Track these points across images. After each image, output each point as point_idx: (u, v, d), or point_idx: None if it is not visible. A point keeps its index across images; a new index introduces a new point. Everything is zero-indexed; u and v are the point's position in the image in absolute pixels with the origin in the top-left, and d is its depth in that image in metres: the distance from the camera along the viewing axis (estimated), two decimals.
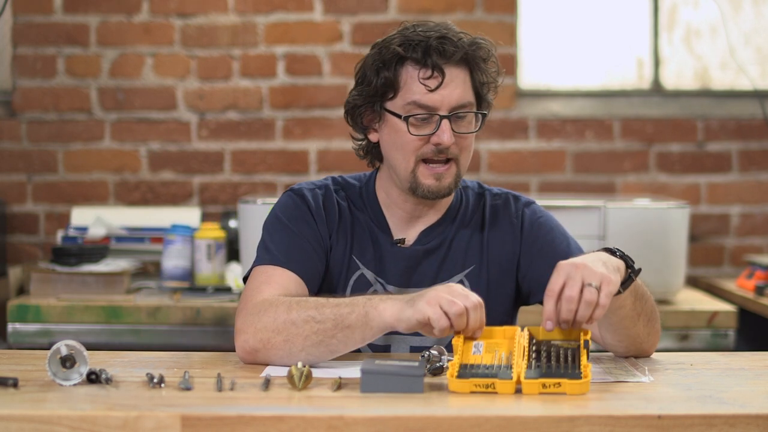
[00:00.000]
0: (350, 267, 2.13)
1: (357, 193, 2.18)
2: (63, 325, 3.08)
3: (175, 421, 1.53)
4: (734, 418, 1.55)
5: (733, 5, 3.95)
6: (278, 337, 1.89)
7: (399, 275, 2.12)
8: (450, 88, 2.04)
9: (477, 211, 2.17)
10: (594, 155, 3.85)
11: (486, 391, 1.66)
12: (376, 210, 2.16)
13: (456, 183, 2.09)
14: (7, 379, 1.70)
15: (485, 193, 2.20)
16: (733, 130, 3.85)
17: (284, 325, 1.88)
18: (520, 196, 2.20)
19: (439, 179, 2.06)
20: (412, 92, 2.04)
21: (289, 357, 1.88)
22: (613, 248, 1.91)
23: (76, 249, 3.30)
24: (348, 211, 2.15)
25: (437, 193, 2.07)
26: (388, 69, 2.05)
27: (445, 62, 2.03)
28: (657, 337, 2.04)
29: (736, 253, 3.85)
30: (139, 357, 1.98)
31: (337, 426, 1.53)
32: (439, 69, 2.03)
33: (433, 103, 2.03)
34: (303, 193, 2.14)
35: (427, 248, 2.13)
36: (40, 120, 3.82)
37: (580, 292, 1.77)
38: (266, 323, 1.90)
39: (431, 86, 2.03)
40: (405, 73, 2.05)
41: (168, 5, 3.80)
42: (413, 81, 2.04)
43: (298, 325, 1.87)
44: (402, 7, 3.80)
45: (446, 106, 2.04)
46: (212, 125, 3.83)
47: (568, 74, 3.95)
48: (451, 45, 2.04)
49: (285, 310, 1.90)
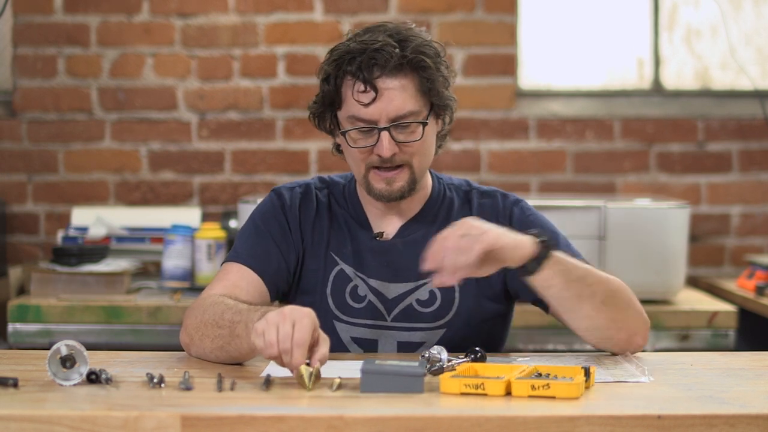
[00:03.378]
0: (328, 263, 2.15)
1: (340, 191, 2.21)
2: (63, 325, 3.08)
3: (176, 421, 1.53)
4: (735, 419, 1.55)
5: (734, 5, 3.95)
6: (196, 335, 1.96)
7: (379, 269, 2.13)
8: (385, 101, 2.03)
9: (464, 209, 2.17)
10: (594, 155, 3.85)
11: (476, 392, 1.66)
12: (357, 206, 2.18)
13: (411, 185, 2.09)
14: (8, 379, 1.70)
15: (472, 192, 2.20)
16: (733, 130, 3.85)
17: (199, 325, 1.96)
18: (508, 195, 2.20)
19: (390, 183, 2.08)
20: (350, 105, 2.05)
21: (205, 355, 1.95)
22: (539, 233, 1.93)
23: (76, 249, 3.30)
24: (327, 209, 2.18)
25: (389, 196, 2.09)
26: (329, 83, 2.08)
27: (378, 75, 2.02)
28: (630, 326, 2.01)
29: (737, 253, 3.85)
30: (139, 357, 1.98)
31: (337, 426, 1.53)
32: (371, 84, 2.02)
33: (370, 116, 2.04)
34: (281, 192, 2.17)
35: (406, 241, 2.14)
36: (41, 120, 3.82)
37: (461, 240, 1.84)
38: (191, 321, 1.99)
39: (365, 101, 2.03)
40: (344, 86, 2.06)
41: (168, 5, 3.80)
42: (351, 95, 2.05)
43: (207, 328, 1.94)
44: (402, 7, 3.80)
45: (384, 118, 2.03)
46: (212, 125, 3.83)
47: (569, 74, 3.95)
48: (385, 56, 2.01)
49: (202, 311, 1.97)
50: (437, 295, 2.12)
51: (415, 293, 2.12)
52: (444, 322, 2.11)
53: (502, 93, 3.85)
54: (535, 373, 1.73)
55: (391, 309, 2.12)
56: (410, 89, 2.05)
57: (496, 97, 3.84)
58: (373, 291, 2.13)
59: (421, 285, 2.12)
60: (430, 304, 2.12)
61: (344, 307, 2.13)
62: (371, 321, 2.12)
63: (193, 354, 1.98)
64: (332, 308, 2.14)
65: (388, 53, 2.02)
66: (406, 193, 2.09)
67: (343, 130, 2.08)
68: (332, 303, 2.14)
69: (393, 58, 2.01)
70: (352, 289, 2.14)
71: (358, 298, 2.13)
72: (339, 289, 2.14)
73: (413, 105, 2.05)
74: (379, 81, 2.02)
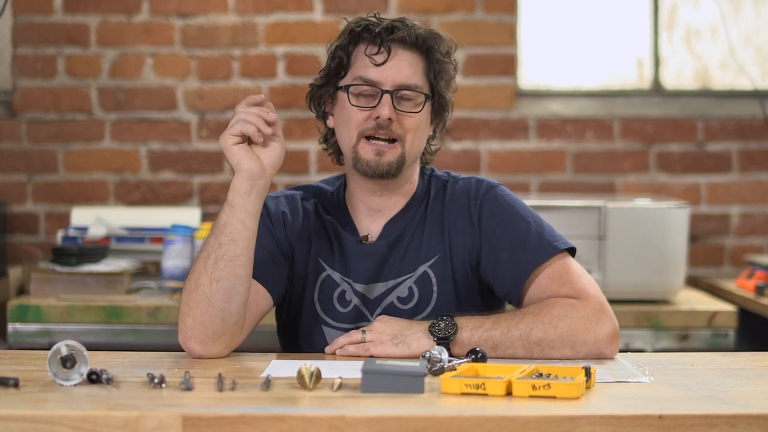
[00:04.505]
0: (316, 269, 2.16)
1: (327, 198, 2.22)
2: (63, 325, 3.08)
3: (176, 421, 1.53)
4: (735, 418, 1.55)
5: (733, 5, 3.95)
6: (193, 293, 1.97)
7: (366, 272, 2.13)
8: (396, 67, 2.08)
9: (437, 200, 2.18)
10: (594, 155, 3.85)
11: (476, 392, 1.66)
12: (344, 211, 2.19)
13: (399, 164, 2.09)
14: (8, 379, 1.70)
15: (449, 181, 2.21)
16: (733, 130, 3.85)
17: (189, 277, 1.99)
18: (484, 180, 2.19)
19: (380, 155, 2.08)
20: (359, 67, 2.10)
21: (208, 306, 1.94)
22: (432, 322, 1.99)
23: (76, 249, 3.30)
24: (314, 216, 2.19)
25: (376, 169, 2.09)
26: (343, 49, 2.12)
27: (393, 42, 2.08)
28: (589, 348, 1.98)
29: (736, 253, 3.85)
30: (139, 357, 1.98)
31: (338, 426, 1.53)
32: (386, 46, 2.08)
33: (377, 77, 2.08)
34: (266, 202, 2.16)
35: (389, 241, 2.14)
36: (40, 120, 3.82)
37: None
38: (183, 297, 2.00)
39: (377, 61, 2.08)
40: (356, 51, 2.12)
41: (168, 5, 3.80)
42: (362, 57, 2.10)
43: (197, 268, 1.97)
44: (402, 7, 3.80)
45: (390, 82, 2.08)
46: (212, 125, 3.83)
47: (568, 74, 3.95)
48: (404, 28, 2.10)
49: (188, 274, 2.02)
50: (415, 292, 2.13)
51: (396, 290, 2.13)
52: (421, 318, 2.11)
53: (502, 93, 3.85)
54: (535, 373, 1.73)
55: (374, 309, 2.13)
56: (419, 68, 2.11)
57: (496, 97, 3.84)
58: (358, 294, 2.13)
59: (401, 282, 2.13)
60: (409, 301, 2.13)
61: (332, 312, 2.14)
62: (355, 324, 2.12)
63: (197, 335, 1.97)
64: (320, 314, 2.14)
65: (408, 26, 2.10)
66: (394, 170, 2.09)
67: (346, 85, 2.10)
68: (320, 309, 2.14)
69: (411, 33, 2.09)
70: (340, 294, 2.14)
71: (345, 303, 2.14)
72: (326, 295, 2.14)
73: (419, 81, 2.10)
74: (393, 46, 2.08)
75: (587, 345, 1.98)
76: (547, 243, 2.08)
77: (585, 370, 1.72)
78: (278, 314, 2.23)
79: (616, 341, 2.01)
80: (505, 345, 1.97)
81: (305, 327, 2.16)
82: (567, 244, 2.09)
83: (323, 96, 2.17)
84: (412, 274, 2.13)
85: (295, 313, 2.17)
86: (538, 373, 1.73)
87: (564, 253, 2.09)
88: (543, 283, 2.06)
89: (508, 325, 1.98)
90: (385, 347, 1.98)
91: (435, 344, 1.95)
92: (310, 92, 2.20)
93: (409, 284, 2.12)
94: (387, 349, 1.97)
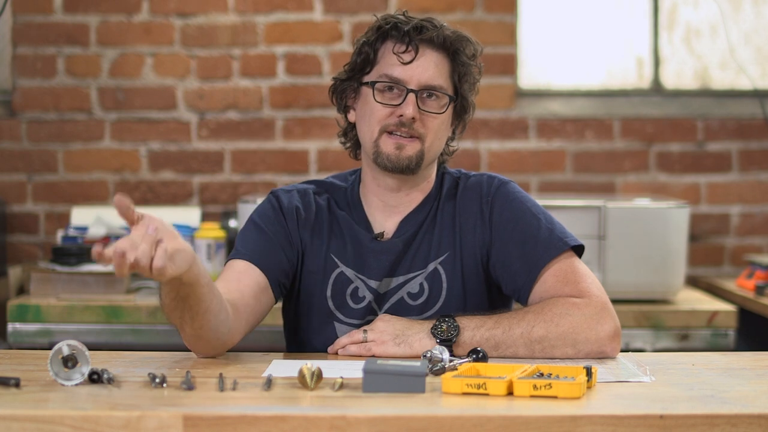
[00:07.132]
0: (329, 265, 2.15)
1: (341, 194, 2.21)
2: (63, 325, 3.08)
3: (178, 421, 1.53)
4: (736, 418, 1.55)
5: (733, 5, 3.95)
6: (180, 332, 1.95)
7: (380, 269, 2.13)
8: (422, 67, 2.09)
9: (450, 197, 2.18)
10: (594, 155, 3.85)
11: (478, 392, 1.66)
12: (358, 207, 2.19)
13: (419, 160, 2.10)
14: (9, 379, 1.69)
15: (461, 178, 2.21)
16: (733, 130, 3.86)
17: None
18: (495, 177, 2.21)
19: (400, 149, 2.09)
20: (386, 65, 2.10)
21: (197, 340, 1.93)
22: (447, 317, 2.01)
23: (76, 249, 3.30)
24: (327, 212, 2.18)
25: (396, 162, 2.09)
26: (370, 45, 2.13)
27: (422, 41, 2.09)
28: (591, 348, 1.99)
29: (736, 252, 3.85)
30: (140, 357, 1.98)
31: (339, 426, 1.53)
32: (414, 45, 2.09)
33: (403, 76, 2.09)
34: (278, 195, 2.18)
35: (404, 239, 2.15)
36: (40, 120, 3.81)
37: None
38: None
39: (404, 60, 2.09)
40: (383, 48, 2.12)
41: (168, 5, 3.80)
42: (389, 55, 2.11)
43: (174, 324, 1.93)
44: (402, 7, 3.78)
45: (416, 82, 2.09)
46: (212, 125, 3.83)
47: (568, 74, 3.95)
48: (433, 28, 2.11)
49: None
50: (425, 288, 2.13)
51: (406, 286, 2.13)
52: (430, 315, 2.12)
53: (501, 93, 3.85)
54: (537, 373, 1.73)
55: (384, 304, 2.13)
56: (444, 69, 2.12)
57: (496, 96, 3.84)
58: (372, 291, 2.13)
59: (411, 278, 2.13)
60: (419, 297, 2.13)
61: (344, 308, 2.14)
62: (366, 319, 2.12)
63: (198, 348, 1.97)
64: (333, 310, 2.14)
65: (436, 27, 2.12)
66: (413, 165, 2.09)
67: (372, 81, 2.10)
68: (333, 305, 2.14)
69: (439, 34, 2.10)
70: (353, 290, 2.14)
71: (358, 300, 2.14)
72: (339, 291, 2.14)
73: (443, 82, 2.11)
74: (421, 46, 2.09)
75: (589, 343, 1.98)
76: (558, 239, 2.09)
77: (586, 369, 1.72)
78: (285, 311, 2.23)
79: (618, 340, 2.01)
80: (506, 344, 1.98)
81: (316, 323, 2.15)
82: (576, 241, 2.11)
83: (346, 90, 2.17)
84: (423, 271, 2.13)
85: (305, 309, 2.17)
86: (539, 372, 1.73)
87: (572, 252, 2.11)
88: (549, 281, 2.07)
89: (509, 324, 1.99)
90: (387, 347, 1.98)
91: (437, 344, 1.96)
92: (333, 86, 2.20)
93: (420, 280, 2.13)
94: (389, 349, 1.98)
